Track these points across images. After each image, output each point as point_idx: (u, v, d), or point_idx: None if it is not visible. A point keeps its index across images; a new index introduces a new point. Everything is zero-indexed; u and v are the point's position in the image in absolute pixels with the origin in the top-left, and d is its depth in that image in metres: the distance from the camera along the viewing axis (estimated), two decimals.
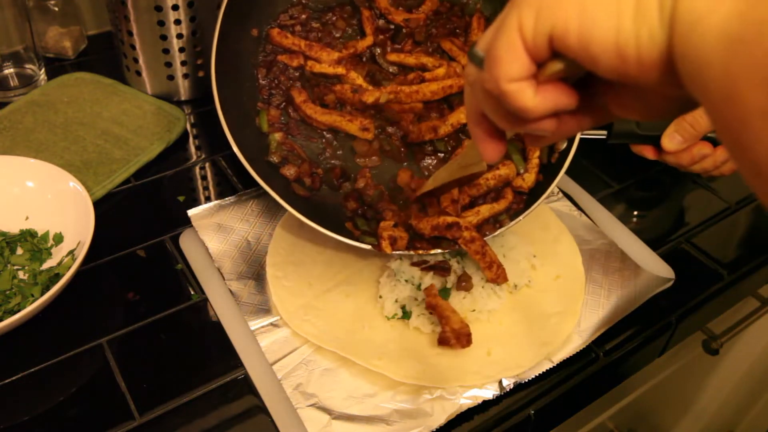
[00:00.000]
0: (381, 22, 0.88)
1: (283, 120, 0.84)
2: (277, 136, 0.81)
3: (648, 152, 0.86)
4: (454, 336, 0.70)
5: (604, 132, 0.86)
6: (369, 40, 0.86)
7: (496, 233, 0.75)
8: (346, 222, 0.77)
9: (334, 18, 0.88)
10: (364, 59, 0.86)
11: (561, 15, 0.35)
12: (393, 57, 0.86)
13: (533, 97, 0.38)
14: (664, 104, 0.38)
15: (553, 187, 0.77)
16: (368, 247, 0.73)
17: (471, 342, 0.70)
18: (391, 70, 0.86)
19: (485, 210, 0.76)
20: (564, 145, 0.80)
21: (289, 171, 0.80)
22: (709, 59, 0.30)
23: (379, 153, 0.83)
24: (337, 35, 0.88)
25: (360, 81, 0.83)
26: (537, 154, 0.80)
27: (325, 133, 0.84)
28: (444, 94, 0.83)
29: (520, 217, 0.76)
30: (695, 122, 0.81)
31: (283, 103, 0.84)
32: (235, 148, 0.74)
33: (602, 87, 0.40)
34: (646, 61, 0.33)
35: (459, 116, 0.82)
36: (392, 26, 0.88)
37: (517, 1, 0.38)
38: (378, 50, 0.86)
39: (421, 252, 0.74)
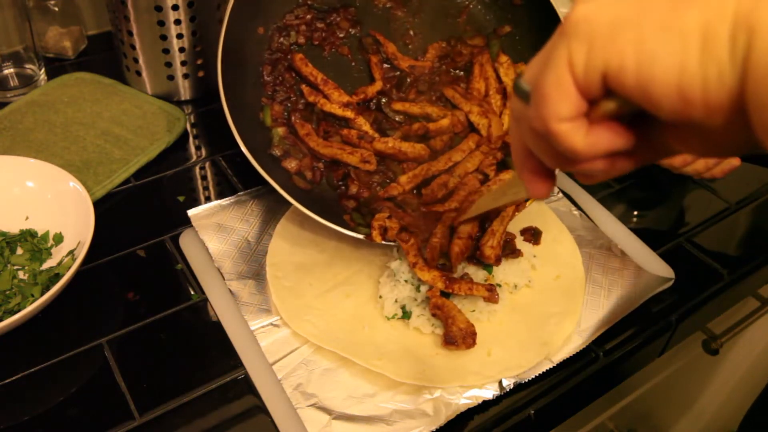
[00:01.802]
0: (386, 66, 0.90)
1: (287, 116, 0.85)
2: (280, 130, 0.83)
3: None
4: (460, 335, 0.70)
5: None
6: (378, 85, 0.88)
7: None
8: (344, 215, 0.79)
9: (338, 19, 0.90)
10: (372, 106, 0.88)
11: (616, 50, 0.31)
12: (398, 106, 0.88)
13: (584, 139, 0.35)
14: (730, 144, 0.33)
15: None
16: (362, 236, 0.76)
17: (475, 342, 0.70)
18: (397, 119, 0.88)
19: (497, 225, 0.76)
20: None
21: (291, 164, 0.81)
22: None
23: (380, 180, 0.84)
24: (341, 35, 0.89)
25: (366, 127, 0.85)
26: None
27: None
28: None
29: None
30: None
31: (287, 99, 0.85)
32: (239, 139, 0.75)
33: (661, 123, 0.35)
34: (713, 104, 0.30)
35: (465, 166, 0.82)
36: (397, 72, 0.90)
37: (566, 31, 0.34)
38: (384, 99, 0.88)
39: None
